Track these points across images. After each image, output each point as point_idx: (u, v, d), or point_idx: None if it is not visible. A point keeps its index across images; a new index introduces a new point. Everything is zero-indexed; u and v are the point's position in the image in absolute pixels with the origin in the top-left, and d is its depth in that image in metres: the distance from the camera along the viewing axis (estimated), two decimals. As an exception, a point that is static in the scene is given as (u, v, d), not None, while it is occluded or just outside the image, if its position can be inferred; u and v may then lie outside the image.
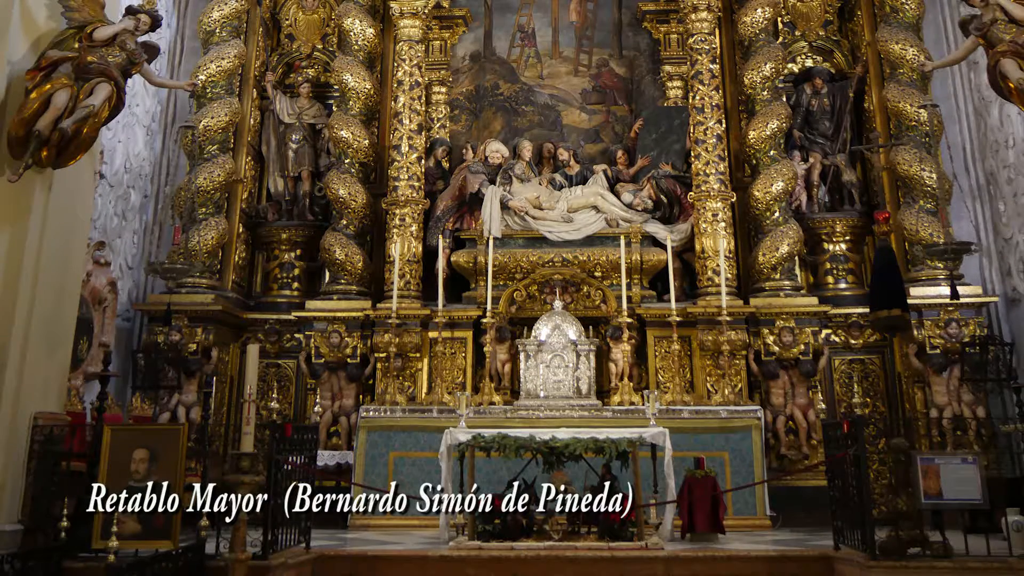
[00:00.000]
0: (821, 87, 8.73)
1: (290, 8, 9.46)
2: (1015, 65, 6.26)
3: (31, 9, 6.06)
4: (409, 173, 8.33)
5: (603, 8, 9.46)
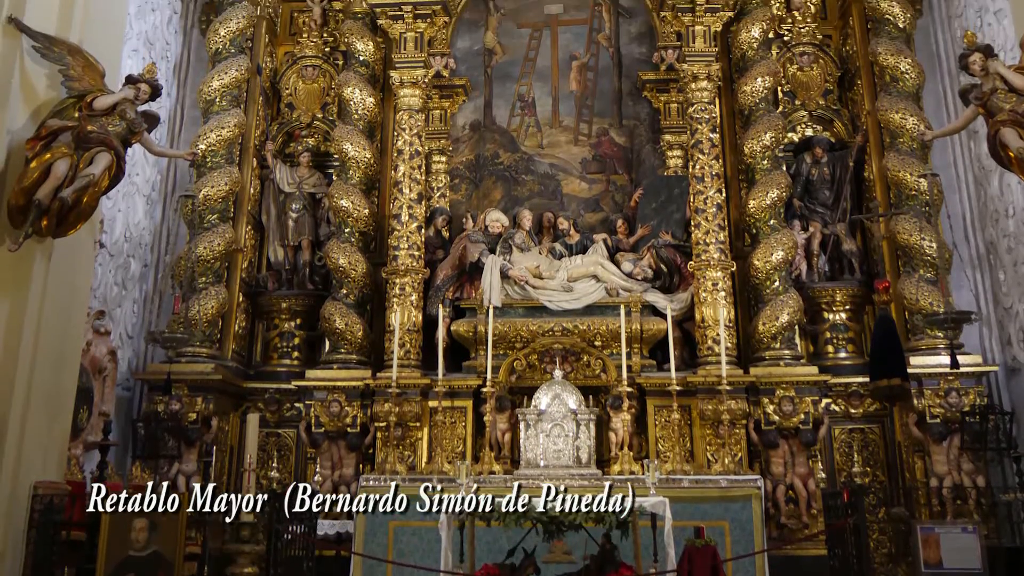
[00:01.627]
0: (821, 156, 10.21)
1: (290, 77, 11.09)
2: (1015, 134, 7.35)
3: (31, 78, 7.14)
4: (409, 242, 9.76)
5: (603, 77, 11.06)
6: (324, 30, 11.20)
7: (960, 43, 9.24)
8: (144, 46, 10.13)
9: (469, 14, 11.35)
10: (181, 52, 11.02)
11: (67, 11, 7.45)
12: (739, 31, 10.43)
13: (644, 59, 11.01)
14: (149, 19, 10.33)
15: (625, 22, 11.23)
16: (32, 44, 6.98)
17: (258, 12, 10.81)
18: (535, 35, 11.26)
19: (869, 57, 10.20)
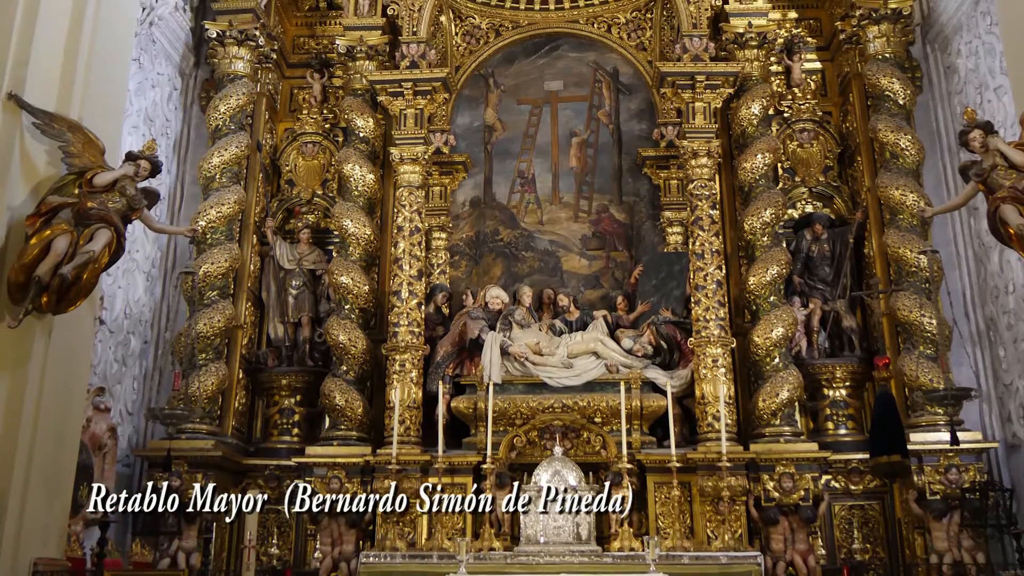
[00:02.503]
0: (821, 233, 11.25)
1: (290, 154, 12.23)
2: (1015, 211, 7.99)
3: (31, 155, 7.76)
4: (409, 319, 10.75)
5: (603, 154, 12.22)
6: (324, 107, 12.40)
7: (960, 120, 10.20)
8: (144, 123, 11.23)
9: (469, 91, 12.58)
10: (181, 129, 12.17)
11: (67, 88, 8.13)
12: (739, 108, 11.55)
13: (644, 136, 12.21)
14: (149, 96, 11.45)
15: (625, 99, 12.45)
16: (32, 120, 7.62)
17: (258, 89, 11.98)
18: (535, 112, 12.48)
19: (869, 134, 11.29)
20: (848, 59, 11.91)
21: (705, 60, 11.27)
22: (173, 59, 12.05)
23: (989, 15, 10.70)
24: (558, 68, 12.64)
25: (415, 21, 11.67)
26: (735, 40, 11.63)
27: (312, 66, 12.55)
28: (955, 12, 11.36)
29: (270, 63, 12.20)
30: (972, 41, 11.13)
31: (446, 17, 12.49)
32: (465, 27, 12.69)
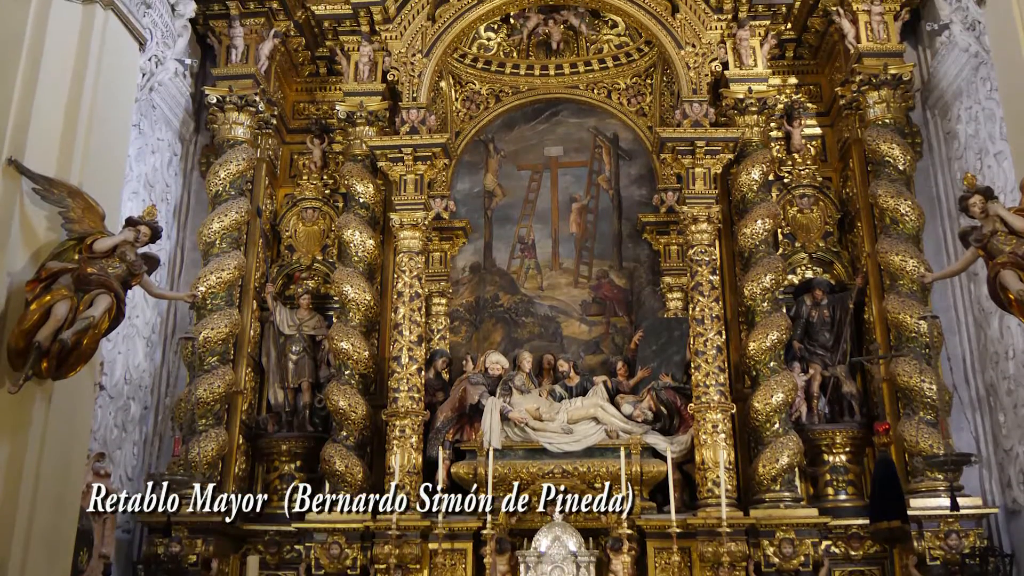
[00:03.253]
0: (821, 298, 12.19)
1: (290, 220, 13.25)
2: (1015, 276, 8.60)
3: (31, 220, 8.34)
4: (409, 384, 11.64)
5: (603, 220, 13.28)
6: (324, 172, 13.43)
7: (960, 185, 11.10)
8: (144, 188, 12.19)
9: (469, 156, 13.67)
10: (181, 194, 13.18)
11: (67, 153, 8.76)
12: (739, 173, 12.51)
13: (644, 201, 13.26)
14: (149, 161, 12.42)
15: (625, 164, 13.54)
16: (32, 186, 8.22)
17: (258, 154, 12.96)
18: (535, 177, 13.57)
19: (869, 199, 12.21)
20: (848, 125, 12.90)
21: (705, 126, 12.23)
22: (173, 125, 13.05)
23: (989, 81, 11.61)
24: (558, 134, 13.74)
25: (415, 87, 12.66)
26: (735, 106, 12.64)
27: (312, 132, 13.60)
28: (955, 78, 12.33)
29: (270, 129, 13.20)
30: (972, 107, 12.07)
31: (446, 83, 13.61)
32: (465, 93, 13.82)
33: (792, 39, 13.60)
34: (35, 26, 8.76)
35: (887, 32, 12.60)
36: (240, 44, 12.99)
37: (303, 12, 13.40)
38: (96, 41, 9.35)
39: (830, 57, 13.47)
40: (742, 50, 12.74)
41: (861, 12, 12.64)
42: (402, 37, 12.76)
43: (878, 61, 12.36)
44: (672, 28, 12.55)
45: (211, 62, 13.42)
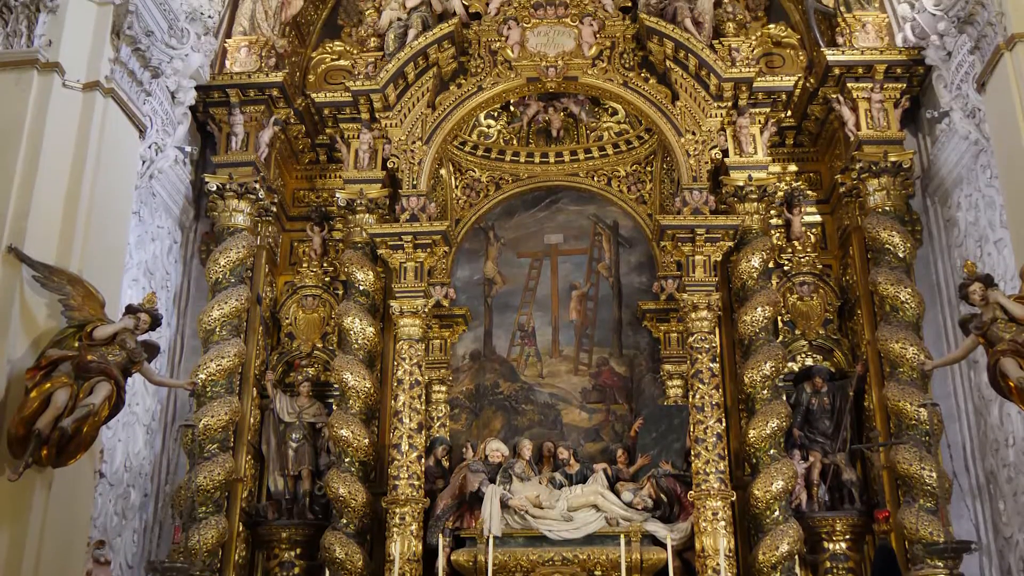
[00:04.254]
0: (821, 386, 13.37)
1: (290, 307, 14.50)
2: (1015, 364, 9.64)
3: (31, 307, 9.44)
4: (409, 472, 12.81)
5: (603, 307, 14.60)
6: (324, 260, 14.69)
7: (960, 272, 11.94)
8: (144, 275, 13.29)
9: (469, 244, 15.00)
10: (181, 282, 14.36)
11: (67, 241, 9.92)
12: (739, 261, 13.74)
13: (644, 288, 14.55)
14: (149, 249, 13.53)
15: (625, 252, 14.88)
16: (32, 274, 9.32)
17: (258, 242, 14.19)
18: (535, 265, 14.91)
19: (869, 287, 13.41)
20: (848, 212, 14.14)
21: (705, 213, 13.51)
22: (173, 212, 14.18)
23: (989, 168, 12.53)
24: (558, 221, 15.10)
25: (415, 174, 14.00)
26: (735, 193, 13.90)
27: (312, 219, 14.90)
28: (955, 166, 13.39)
29: (270, 216, 14.45)
30: (972, 194, 13.09)
31: (446, 170, 14.98)
32: (465, 180, 15.20)
33: (792, 126, 14.99)
34: (35, 113, 10.01)
35: (887, 119, 13.89)
36: (240, 131, 14.26)
37: (303, 100, 14.79)
38: (96, 128, 10.55)
39: (830, 144, 14.81)
40: (742, 137, 14.03)
41: (861, 100, 13.94)
42: (402, 124, 14.19)
43: (878, 148, 13.63)
44: (672, 116, 13.95)
45: (211, 149, 14.66)
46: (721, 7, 14.75)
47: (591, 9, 14.56)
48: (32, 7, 10.37)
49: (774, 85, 14.23)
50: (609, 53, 14.35)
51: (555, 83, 14.30)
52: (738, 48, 14.18)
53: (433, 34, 14.30)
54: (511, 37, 14.43)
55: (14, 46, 10.29)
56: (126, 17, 11.02)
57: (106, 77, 10.78)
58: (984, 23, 11.33)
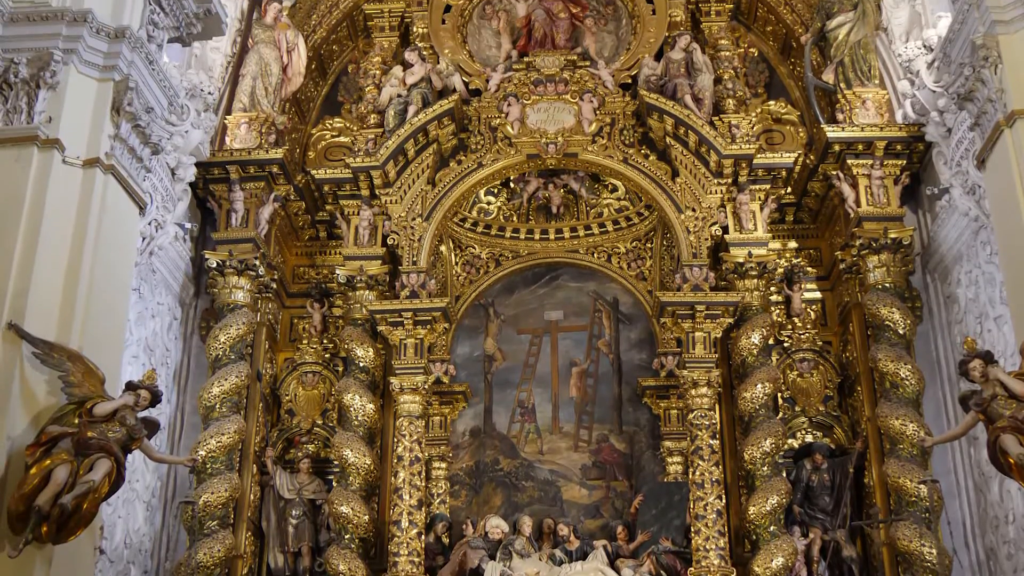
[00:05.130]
0: (821, 462, 14.31)
1: (290, 383, 15.49)
2: (1015, 440, 10.16)
3: (31, 384, 9.97)
4: (409, 549, 13.76)
5: (603, 384, 15.63)
6: (324, 336, 15.70)
7: (960, 349, 12.26)
8: (144, 352, 14.16)
9: (469, 320, 16.04)
10: (181, 358, 15.33)
11: (67, 317, 10.45)
12: (739, 337, 14.69)
13: (644, 365, 15.57)
14: (149, 325, 14.41)
15: (625, 328, 15.93)
16: (32, 350, 9.84)
17: (258, 319, 15.15)
18: (535, 341, 15.96)
19: (869, 363, 14.32)
20: (848, 288, 15.12)
21: (705, 290, 14.50)
22: (173, 289, 15.08)
23: (989, 245, 13.23)
24: (558, 298, 16.18)
25: (415, 251, 15.05)
26: (735, 270, 14.87)
27: (312, 296, 15.91)
28: (955, 242, 14.23)
29: (270, 292, 15.42)
30: (972, 271, 13.90)
31: (446, 247, 16.06)
32: (465, 257, 16.27)
33: (792, 203, 16.05)
34: (35, 189, 10.61)
35: (887, 196, 14.87)
36: (240, 208, 15.24)
37: (303, 176, 15.87)
38: (96, 205, 11.12)
39: (830, 221, 15.86)
40: (742, 214, 15.05)
41: (861, 176, 14.94)
42: (402, 201, 15.27)
43: (878, 225, 14.56)
44: (672, 192, 15.03)
45: (211, 226, 15.61)
46: (721, 84, 15.88)
47: (591, 86, 15.63)
48: (32, 83, 11.01)
49: (774, 162, 15.26)
50: (609, 129, 15.40)
51: (555, 160, 15.37)
52: (738, 125, 15.25)
53: (433, 110, 15.37)
54: (511, 114, 15.48)
55: (14, 122, 10.89)
56: (126, 93, 11.63)
57: (106, 154, 11.39)
58: (984, 100, 12.00)
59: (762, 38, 17.65)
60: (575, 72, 15.86)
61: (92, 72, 11.43)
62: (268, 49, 16.12)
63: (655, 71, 15.82)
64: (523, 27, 16.61)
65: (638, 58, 16.14)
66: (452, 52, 16.45)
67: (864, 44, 15.56)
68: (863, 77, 15.49)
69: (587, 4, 16.80)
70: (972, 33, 11.87)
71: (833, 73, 15.68)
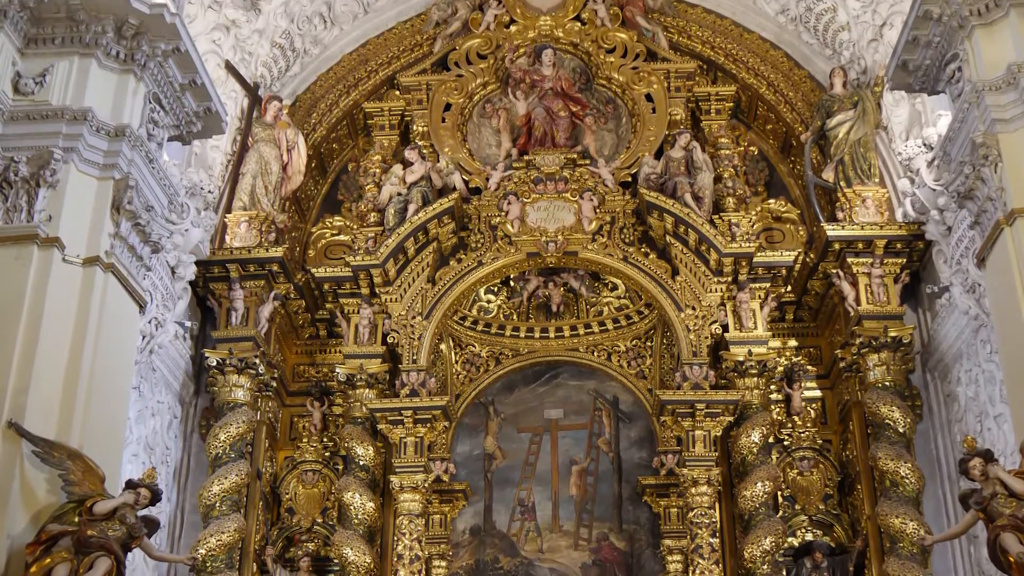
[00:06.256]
0: (821, 561, 15.37)
1: (290, 482, 16.74)
2: (1015, 539, 10.91)
3: (31, 482, 10.69)
4: (410, 647, 14.96)
5: (603, 482, 16.90)
6: (324, 435, 16.93)
7: (960, 447, 13.47)
8: (144, 450, 15.29)
9: (469, 419, 17.31)
10: (181, 456, 16.56)
11: (67, 415, 11.22)
12: (739, 436, 15.89)
13: (644, 463, 16.77)
14: (149, 424, 15.57)
15: (625, 427, 17.20)
16: (32, 448, 10.56)
17: (258, 417, 16.35)
18: (535, 440, 17.23)
19: (869, 462, 15.42)
20: (848, 387, 16.33)
21: (705, 388, 15.75)
22: (173, 387, 16.30)
23: (989, 343, 14.16)
24: (558, 396, 17.44)
25: (415, 349, 16.33)
26: (735, 368, 16.11)
27: (312, 394, 17.16)
28: (955, 340, 15.35)
29: (270, 391, 16.66)
30: (972, 369, 14.93)
31: (446, 345, 17.36)
32: (465, 355, 17.56)
33: (792, 301, 17.36)
34: (35, 288, 11.36)
35: (887, 295, 16.09)
36: (240, 306, 16.48)
37: (303, 274, 17.20)
38: (96, 303, 11.91)
39: (830, 319, 17.16)
40: (742, 312, 16.31)
41: (861, 275, 16.15)
42: (402, 299, 16.56)
43: (878, 324, 15.76)
44: (672, 291, 16.32)
45: (211, 324, 16.90)
46: (721, 182, 17.20)
47: (591, 184, 17.00)
48: (32, 182, 11.79)
49: (774, 260, 16.56)
50: (609, 228, 16.75)
51: (555, 258, 16.69)
52: (738, 223, 16.57)
53: (433, 209, 16.72)
54: (511, 212, 16.80)
55: (14, 221, 11.63)
56: (126, 192, 12.48)
57: (106, 252, 12.21)
58: (984, 198, 12.80)
59: (762, 136, 19.19)
60: (575, 170, 17.22)
61: (92, 170, 12.33)
62: (268, 147, 17.53)
63: (655, 169, 17.14)
64: (523, 125, 18.00)
65: (638, 156, 17.48)
66: (452, 150, 17.77)
67: (864, 142, 16.93)
68: (863, 175, 16.78)
69: (587, 103, 18.17)
70: (972, 131, 12.71)
71: (833, 171, 17.03)
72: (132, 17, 12.72)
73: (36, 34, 12.59)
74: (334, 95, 19.23)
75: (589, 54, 18.53)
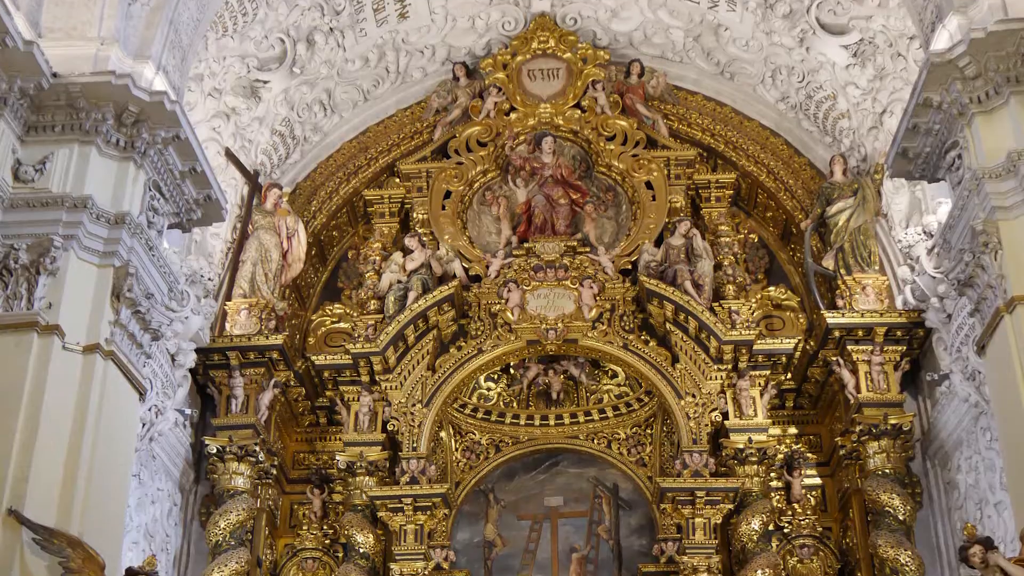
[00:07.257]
0: (821, 629, 16.68)
1: (290, 570, 17.74)
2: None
3: (31, 570, 11.18)
4: None
5: (603, 570, 18.03)
6: (324, 522, 17.96)
7: (960, 535, 13.70)
8: (144, 538, 16.19)
9: (469, 506, 18.42)
10: (181, 544, 17.55)
11: (67, 503, 11.58)
12: (739, 523, 16.94)
13: (644, 551, 17.84)
14: (149, 511, 16.49)
15: (625, 514, 18.30)
16: (32, 536, 10.89)
17: (258, 504, 17.41)
18: (535, 527, 18.31)
19: (870, 549, 16.42)
20: (848, 474, 17.36)
21: (705, 476, 16.83)
22: (173, 475, 17.25)
23: (989, 431, 14.79)
24: (558, 483, 18.50)
25: (415, 437, 17.45)
26: (735, 455, 17.18)
27: (312, 481, 18.22)
28: (955, 428, 16.07)
29: (270, 478, 17.73)
30: (972, 457, 15.65)
31: (446, 433, 18.51)
32: (465, 443, 18.71)
33: (792, 389, 18.48)
34: (35, 375, 11.73)
35: (887, 382, 17.12)
36: (240, 394, 17.52)
37: (303, 362, 18.30)
38: (96, 391, 12.30)
39: (830, 406, 18.26)
40: (742, 400, 17.39)
41: (861, 363, 17.20)
42: (402, 387, 17.71)
43: (878, 411, 16.75)
44: (672, 378, 17.46)
45: (211, 411, 17.92)
46: (721, 270, 18.34)
47: (591, 272, 18.14)
48: (32, 269, 12.12)
49: (774, 348, 17.71)
50: (609, 315, 17.88)
51: (555, 346, 17.81)
52: (738, 311, 17.71)
53: (433, 296, 17.85)
54: (511, 300, 17.88)
55: (14, 308, 11.97)
56: (126, 280, 12.88)
57: (106, 339, 12.60)
58: (984, 285, 13.19)
59: (762, 224, 20.48)
60: (575, 258, 18.39)
61: (92, 258, 12.74)
62: (268, 235, 18.72)
63: (655, 257, 18.30)
64: (523, 213, 19.19)
65: (638, 244, 18.64)
66: (452, 238, 18.95)
67: (864, 230, 18.10)
68: (863, 263, 17.93)
69: (587, 190, 19.42)
70: (972, 219, 13.09)
71: (833, 259, 18.18)
72: (132, 104, 13.27)
73: (36, 121, 13.08)
74: (334, 182, 20.51)
75: (589, 141, 19.78)
